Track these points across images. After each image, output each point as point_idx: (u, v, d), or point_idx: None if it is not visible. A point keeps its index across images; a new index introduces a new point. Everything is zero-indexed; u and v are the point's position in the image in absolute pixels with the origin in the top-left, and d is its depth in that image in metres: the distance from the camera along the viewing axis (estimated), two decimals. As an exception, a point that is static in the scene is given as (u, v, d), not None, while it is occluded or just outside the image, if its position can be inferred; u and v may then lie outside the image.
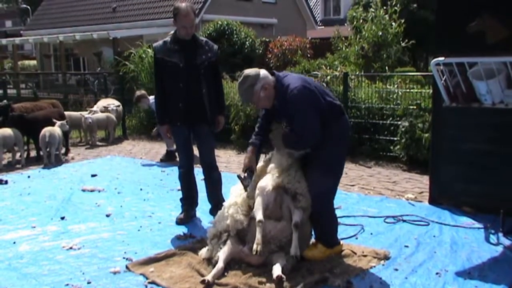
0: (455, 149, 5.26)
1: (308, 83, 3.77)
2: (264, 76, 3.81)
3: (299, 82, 3.73)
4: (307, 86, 3.72)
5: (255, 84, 3.77)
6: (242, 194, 4.03)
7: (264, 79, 3.79)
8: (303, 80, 3.79)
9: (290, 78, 3.80)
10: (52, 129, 7.93)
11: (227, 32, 15.62)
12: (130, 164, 8.14)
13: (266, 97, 3.81)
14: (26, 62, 33.64)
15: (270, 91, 3.80)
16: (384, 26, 11.59)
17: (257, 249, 3.61)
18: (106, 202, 5.81)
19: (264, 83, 3.77)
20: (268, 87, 3.78)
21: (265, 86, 3.77)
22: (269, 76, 3.82)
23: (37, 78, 22.03)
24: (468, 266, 3.87)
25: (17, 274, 3.89)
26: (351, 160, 7.69)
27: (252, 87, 3.78)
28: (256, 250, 3.61)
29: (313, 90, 3.73)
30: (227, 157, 8.49)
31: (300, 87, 3.68)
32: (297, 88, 3.67)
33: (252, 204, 3.86)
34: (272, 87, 3.80)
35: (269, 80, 3.80)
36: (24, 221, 5.18)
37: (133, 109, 11.26)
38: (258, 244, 3.62)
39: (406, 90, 7.77)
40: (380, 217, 5.04)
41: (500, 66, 3.94)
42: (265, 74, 3.82)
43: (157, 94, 5.00)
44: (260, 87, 3.77)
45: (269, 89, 3.79)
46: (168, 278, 3.69)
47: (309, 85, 3.75)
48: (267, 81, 3.79)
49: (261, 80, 3.77)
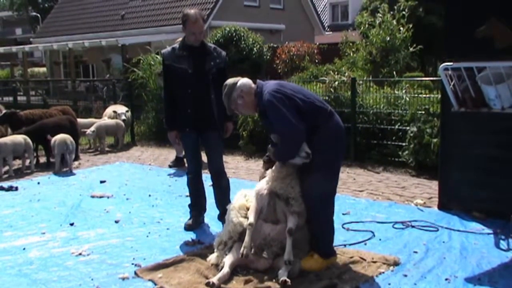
0: (464, 154, 5.24)
1: (282, 86, 3.84)
2: (242, 84, 3.93)
3: (273, 86, 3.82)
4: (280, 89, 3.77)
5: (232, 92, 3.92)
6: (240, 198, 4.07)
7: (241, 88, 3.91)
8: (278, 84, 3.87)
9: (268, 84, 3.90)
10: (64, 137, 7.98)
11: (235, 38, 15.65)
12: (139, 170, 8.17)
13: (244, 104, 3.94)
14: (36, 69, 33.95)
15: (248, 99, 3.91)
16: (391, 31, 11.59)
17: (243, 252, 3.65)
18: (115, 208, 5.84)
19: (240, 91, 3.90)
20: (246, 95, 3.91)
21: (241, 94, 3.90)
22: (248, 84, 3.93)
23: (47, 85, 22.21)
24: (478, 272, 3.84)
25: (27, 280, 3.91)
26: (360, 166, 7.68)
27: (229, 95, 3.93)
28: (242, 253, 3.65)
29: (285, 92, 3.75)
30: (235, 163, 8.50)
31: (272, 90, 3.75)
32: (269, 92, 3.76)
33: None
34: (252, 95, 3.90)
35: (247, 88, 3.92)
36: (34, 227, 5.21)
37: (142, 115, 11.33)
38: (245, 247, 3.67)
39: (414, 95, 7.74)
40: (389, 223, 5.01)
41: (509, 70, 3.92)
42: (244, 83, 3.95)
43: (165, 100, 5.02)
44: (236, 95, 3.91)
45: (246, 97, 3.91)
46: (176, 284, 3.70)
47: (283, 88, 3.81)
48: (244, 89, 3.91)
49: (237, 89, 3.91)
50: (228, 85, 3.96)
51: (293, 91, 3.81)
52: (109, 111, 10.59)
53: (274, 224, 3.85)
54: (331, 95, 8.34)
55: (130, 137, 11.15)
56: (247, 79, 4.01)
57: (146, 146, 10.61)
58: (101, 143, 10.11)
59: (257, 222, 3.78)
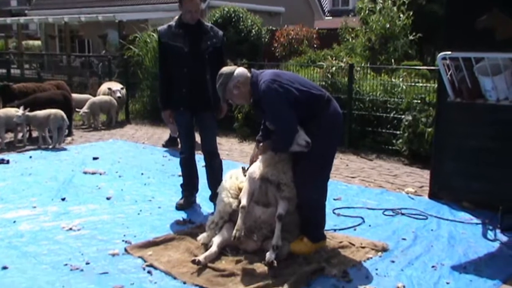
0: (457, 144, 5.25)
1: (278, 76, 3.78)
2: (239, 74, 3.86)
3: (268, 76, 3.76)
4: (276, 79, 3.72)
5: (228, 82, 3.84)
6: (231, 178, 4.07)
7: (238, 77, 3.84)
8: (274, 74, 3.81)
9: (263, 74, 3.85)
10: (56, 112, 7.93)
11: (233, 19, 15.52)
12: (132, 148, 8.15)
13: (240, 95, 3.89)
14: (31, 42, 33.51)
15: (244, 89, 3.86)
16: (392, 18, 11.53)
17: (235, 235, 3.65)
18: (107, 185, 5.84)
19: (237, 82, 3.83)
20: (242, 85, 3.84)
21: (237, 85, 3.84)
22: (244, 74, 3.87)
23: (41, 59, 21.96)
24: (464, 260, 3.88)
25: (17, 252, 3.92)
26: (353, 152, 7.70)
27: (225, 85, 3.85)
28: (234, 236, 3.65)
29: (281, 82, 3.71)
30: (229, 145, 8.50)
31: (268, 81, 3.70)
32: (265, 82, 3.71)
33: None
34: (248, 85, 3.85)
35: (243, 78, 3.85)
36: (25, 201, 5.20)
37: (137, 93, 11.26)
38: (238, 230, 3.66)
39: (411, 84, 7.73)
40: (379, 210, 5.05)
41: (507, 62, 3.92)
42: (240, 73, 3.87)
43: (160, 79, 4.99)
44: (233, 85, 3.84)
45: (242, 87, 3.85)
46: (166, 262, 3.72)
47: (279, 78, 3.75)
48: (241, 79, 3.84)
49: (234, 79, 3.83)
50: (224, 74, 3.87)
51: (289, 80, 3.78)
52: (104, 88, 10.53)
53: (265, 207, 3.87)
54: (328, 80, 8.31)
55: (124, 115, 11.11)
56: (243, 68, 3.96)
57: (140, 125, 10.58)
58: (95, 120, 10.06)
59: (249, 205, 3.79)
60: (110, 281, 3.44)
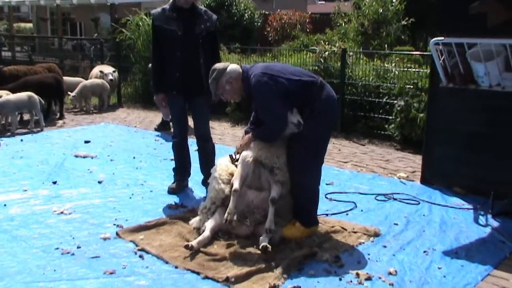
0: (449, 130, 5.26)
1: (268, 69, 3.80)
2: (231, 70, 3.89)
3: (259, 70, 3.78)
4: (266, 72, 3.74)
5: (220, 78, 3.87)
6: (221, 164, 4.06)
7: (230, 73, 3.88)
8: (264, 67, 3.83)
9: (254, 68, 3.87)
10: (31, 94, 7.82)
11: (226, 3, 15.40)
12: (124, 132, 8.11)
13: (232, 90, 3.93)
14: (22, 24, 33.06)
15: (236, 85, 3.90)
16: (384, 3, 11.49)
17: (227, 218, 3.67)
18: (99, 169, 5.81)
19: (229, 77, 3.87)
20: (234, 81, 3.88)
21: (230, 81, 3.88)
22: (237, 70, 3.90)
23: (32, 42, 21.69)
24: (455, 245, 3.91)
25: (8, 236, 3.90)
26: (345, 137, 7.70)
27: (217, 80, 3.88)
28: (226, 219, 3.67)
29: (272, 75, 3.72)
30: (222, 129, 8.47)
31: (259, 74, 3.73)
32: (255, 76, 3.74)
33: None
34: (239, 80, 3.88)
35: (236, 74, 3.89)
36: (16, 184, 5.17)
37: (129, 77, 11.16)
38: (229, 214, 3.68)
39: (403, 69, 7.73)
40: (371, 195, 5.07)
41: (499, 48, 3.91)
42: (233, 69, 3.91)
43: (153, 62, 4.94)
44: (225, 81, 3.88)
45: (235, 83, 3.89)
46: (157, 246, 3.72)
47: (269, 71, 3.77)
48: (233, 75, 3.88)
49: (226, 75, 3.87)
50: (217, 70, 3.89)
51: (280, 71, 3.79)
52: (96, 71, 10.42)
53: (258, 191, 3.87)
54: (320, 65, 8.28)
55: (116, 98, 11.03)
56: (235, 65, 3.99)
57: (132, 108, 10.51)
58: (87, 103, 9.98)
59: (241, 189, 3.78)
60: (102, 265, 3.44)
